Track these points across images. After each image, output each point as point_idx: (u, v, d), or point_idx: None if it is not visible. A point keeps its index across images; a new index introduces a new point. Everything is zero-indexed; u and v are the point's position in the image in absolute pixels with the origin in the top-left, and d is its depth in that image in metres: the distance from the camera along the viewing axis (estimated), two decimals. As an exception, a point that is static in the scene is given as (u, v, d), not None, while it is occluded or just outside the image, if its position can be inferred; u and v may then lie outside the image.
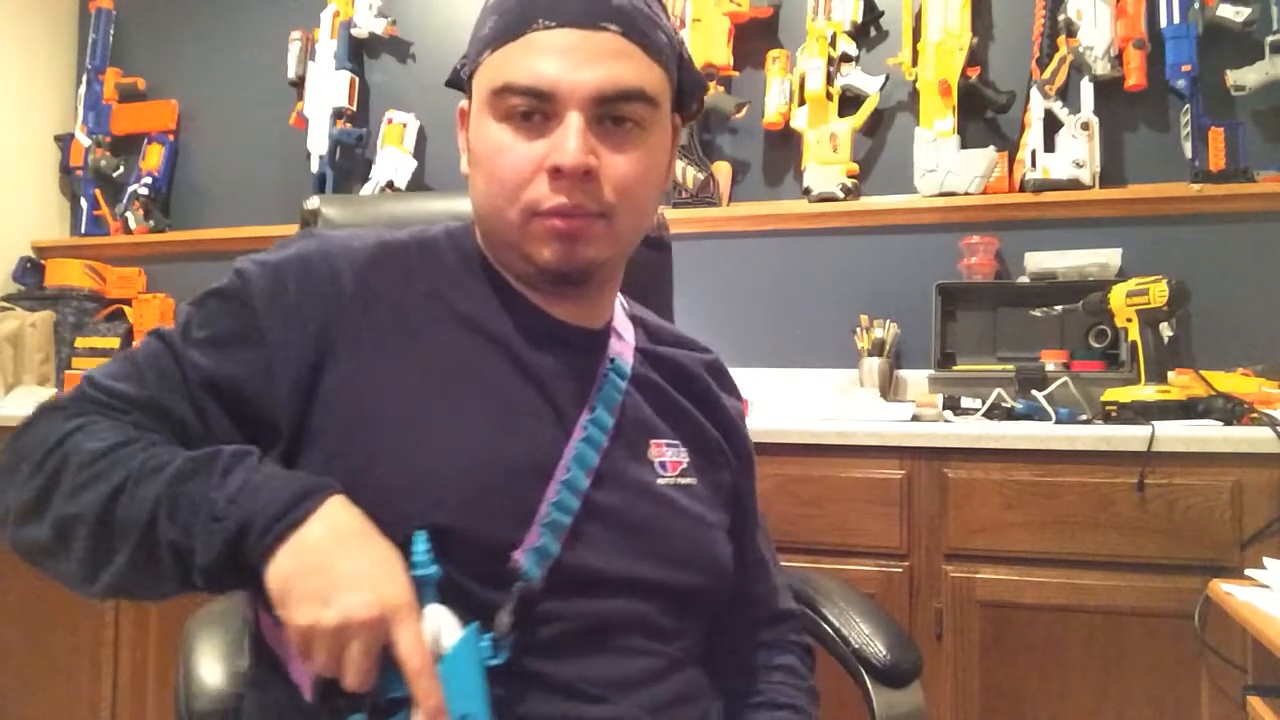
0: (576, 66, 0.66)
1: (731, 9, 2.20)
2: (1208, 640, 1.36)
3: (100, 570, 0.60)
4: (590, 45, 0.67)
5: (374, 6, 2.51)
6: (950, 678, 1.49)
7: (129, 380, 0.67)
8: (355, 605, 0.53)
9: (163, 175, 2.70)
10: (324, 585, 0.54)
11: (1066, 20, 1.98)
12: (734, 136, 2.28)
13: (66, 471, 0.61)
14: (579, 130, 0.66)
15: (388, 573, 0.56)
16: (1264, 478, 1.39)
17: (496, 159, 0.68)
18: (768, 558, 0.88)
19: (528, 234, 0.69)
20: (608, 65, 0.67)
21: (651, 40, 0.69)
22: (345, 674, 0.53)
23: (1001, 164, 2.04)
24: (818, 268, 2.18)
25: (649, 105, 0.69)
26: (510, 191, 0.68)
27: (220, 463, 0.59)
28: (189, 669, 0.84)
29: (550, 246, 0.69)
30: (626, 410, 0.75)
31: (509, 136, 0.68)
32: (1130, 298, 1.66)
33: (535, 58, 0.66)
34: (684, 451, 0.77)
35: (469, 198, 0.74)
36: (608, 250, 0.71)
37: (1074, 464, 1.46)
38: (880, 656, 0.90)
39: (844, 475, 1.56)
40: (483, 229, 0.75)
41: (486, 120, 0.69)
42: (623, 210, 0.69)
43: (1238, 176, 1.89)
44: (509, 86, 0.67)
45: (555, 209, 0.67)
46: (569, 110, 0.66)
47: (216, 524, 0.56)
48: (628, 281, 0.83)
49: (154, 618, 1.89)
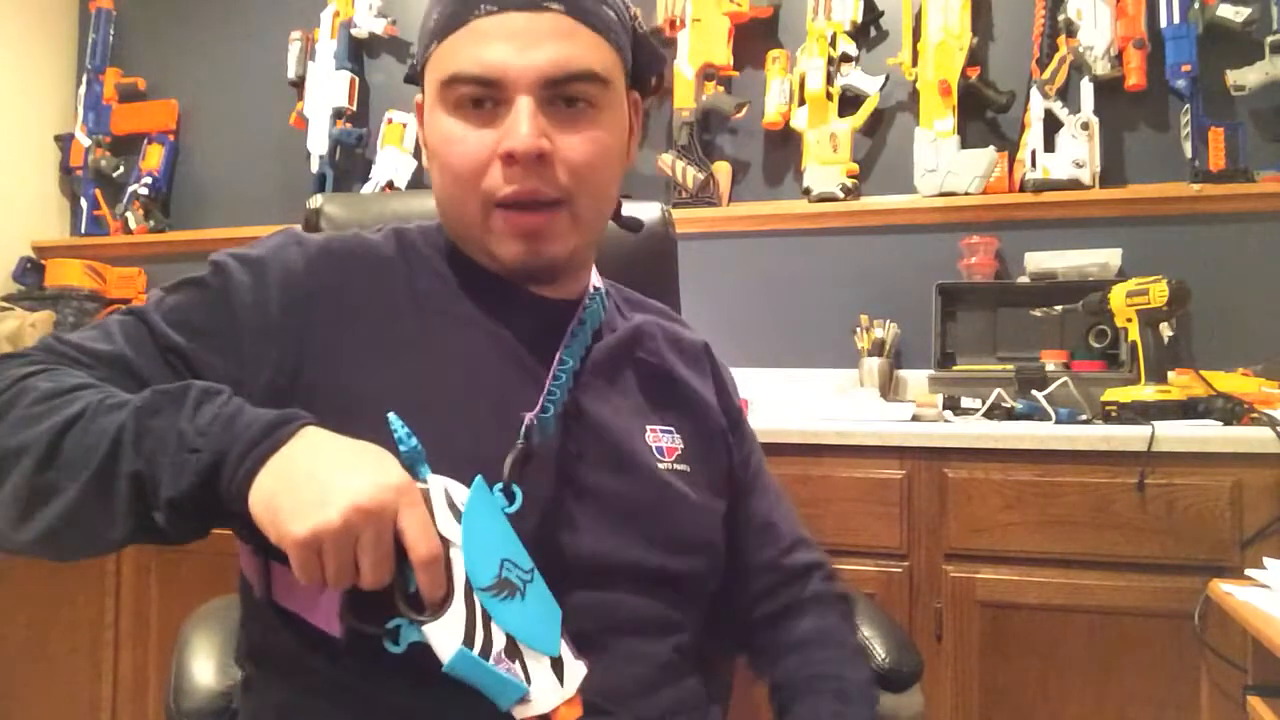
0: (523, 50, 0.65)
1: (731, 9, 2.20)
2: (1208, 640, 1.36)
3: (35, 510, 0.55)
4: (535, 27, 0.66)
5: (374, 6, 2.52)
6: (950, 678, 1.49)
7: (97, 340, 0.66)
8: (356, 494, 0.51)
9: (163, 175, 2.70)
10: (316, 489, 0.51)
11: (1066, 20, 1.98)
12: (734, 136, 2.27)
13: (16, 408, 0.58)
14: (529, 114, 0.65)
15: (378, 460, 0.54)
16: (1264, 478, 1.39)
17: (450, 150, 0.68)
18: (776, 519, 0.85)
19: (489, 229, 0.69)
20: (554, 46, 0.66)
21: (599, 18, 0.69)
22: (363, 571, 0.51)
23: (1001, 164, 2.04)
24: (818, 268, 2.18)
25: (600, 85, 0.68)
26: (466, 182, 0.68)
27: (191, 395, 0.56)
28: (181, 667, 0.84)
29: (513, 245, 0.68)
30: (620, 392, 0.75)
31: (460, 127, 0.68)
32: (1130, 298, 1.66)
33: (480, 45, 0.66)
34: (679, 438, 0.77)
35: None
36: (572, 242, 0.71)
37: (1074, 464, 1.46)
38: (880, 660, 0.90)
39: (844, 475, 1.56)
40: (446, 222, 0.75)
41: (438, 113, 0.69)
42: (581, 194, 0.69)
43: (1238, 176, 1.89)
44: (456, 76, 0.67)
45: (511, 196, 0.67)
46: (518, 95, 0.66)
47: (191, 455, 0.53)
48: (629, 281, 0.83)
49: (154, 618, 1.89)
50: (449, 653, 0.54)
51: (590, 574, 0.67)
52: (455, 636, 0.54)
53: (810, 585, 0.83)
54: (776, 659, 0.80)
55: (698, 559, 0.75)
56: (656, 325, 0.84)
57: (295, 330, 0.67)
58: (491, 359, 0.71)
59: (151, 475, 0.54)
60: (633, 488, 0.72)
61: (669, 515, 0.73)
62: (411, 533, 0.52)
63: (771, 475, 0.89)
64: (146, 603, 1.90)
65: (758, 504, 0.84)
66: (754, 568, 0.82)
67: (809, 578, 0.83)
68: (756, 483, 0.85)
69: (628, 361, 0.79)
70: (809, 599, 0.82)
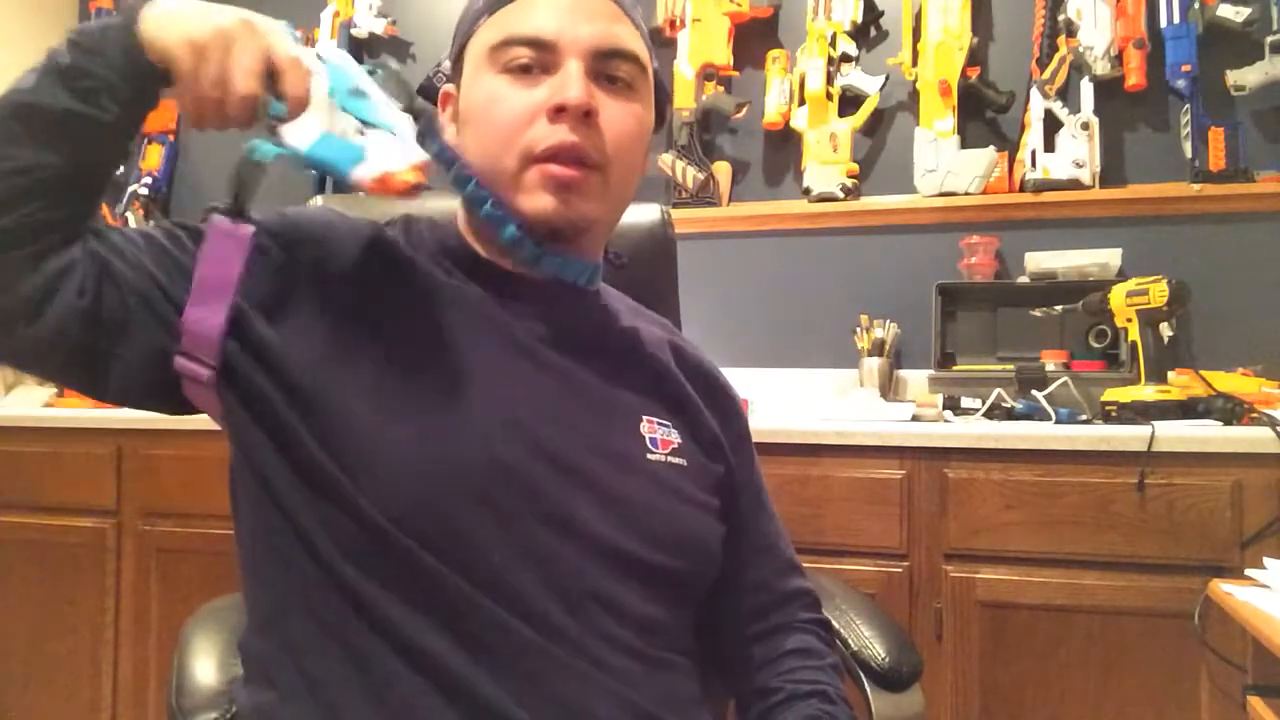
0: (576, 22, 0.69)
1: (731, 9, 2.20)
2: (1208, 640, 1.36)
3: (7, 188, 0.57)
4: (587, 5, 0.71)
5: (374, 6, 2.51)
6: (950, 678, 1.49)
7: None
8: (244, 15, 0.59)
9: (163, 175, 2.70)
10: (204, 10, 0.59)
11: (1066, 20, 1.98)
12: (734, 136, 2.28)
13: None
14: (581, 73, 0.68)
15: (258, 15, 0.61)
16: (1264, 478, 1.39)
17: (493, 108, 0.70)
18: (774, 541, 0.85)
19: (523, 183, 0.69)
20: (604, 23, 0.71)
21: (638, 20, 0.75)
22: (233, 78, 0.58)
23: (1001, 164, 2.04)
24: (818, 268, 2.18)
25: (640, 70, 0.73)
26: (507, 136, 0.69)
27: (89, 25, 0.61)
28: (182, 666, 0.84)
29: (546, 196, 0.69)
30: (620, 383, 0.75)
31: (506, 86, 0.70)
32: (1130, 298, 1.66)
33: (535, 12, 0.70)
34: (676, 433, 0.77)
35: None
36: (602, 207, 0.73)
37: (1074, 464, 1.46)
38: (879, 660, 0.89)
39: (844, 475, 1.56)
40: None
41: (484, 75, 0.71)
42: (617, 165, 0.71)
43: (1238, 176, 1.89)
44: (509, 39, 0.69)
45: (555, 147, 0.68)
46: (570, 57, 0.69)
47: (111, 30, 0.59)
48: (629, 281, 0.83)
49: (155, 617, 1.89)
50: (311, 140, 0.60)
51: (568, 533, 0.66)
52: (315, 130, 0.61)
53: (797, 607, 0.84)
54: (757, 670, 0.80)
55: (681, 558, 0.73)
56: (663, 331, 0.85)
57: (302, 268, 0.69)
58: (490, 342, 0.71)
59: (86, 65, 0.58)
60: (614, 476, 0.70)
61: (653, 508, 0.72)
62: (278, 46, 0.59)
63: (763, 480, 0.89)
64: (146, 603, 1.90)
65: (763, 525, 0.85)
66: (749, 585, 0.82)
67: (798, 602, 0.85)
68: (763, 504, 0.86)
69: (632, 353, 0.79)
70: (795, 623, 0.83)
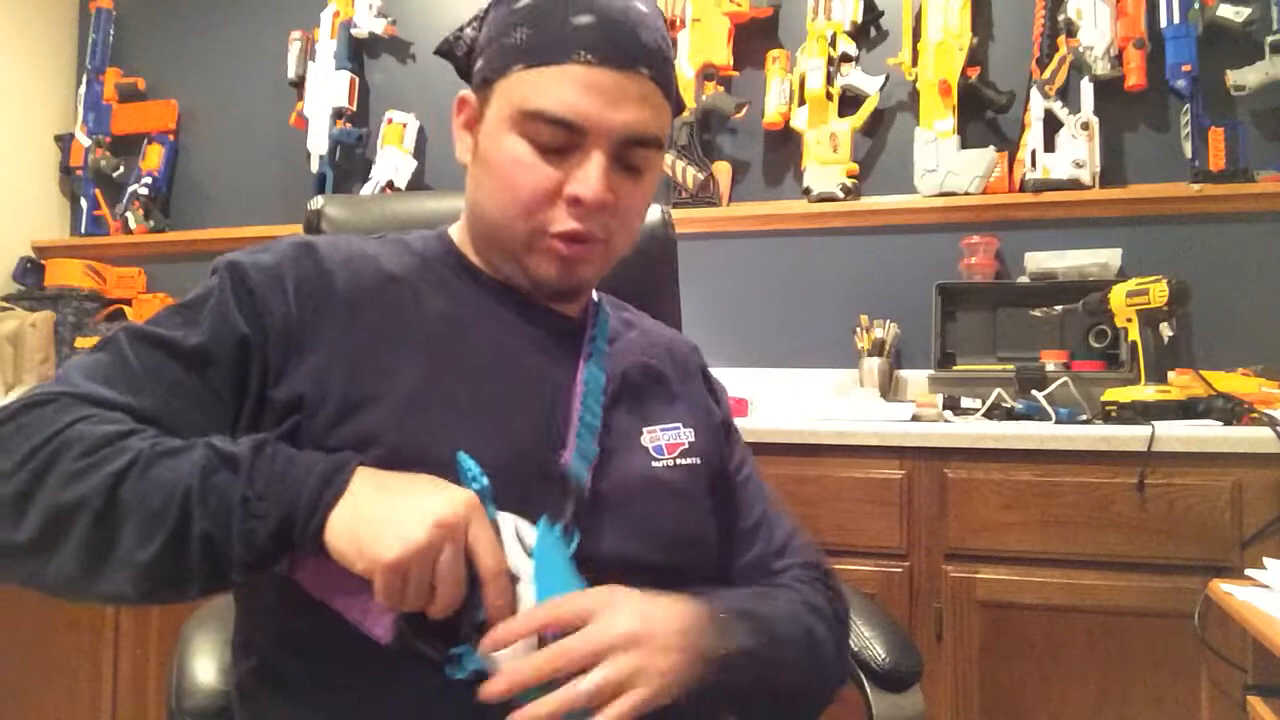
0: (609, 106, 0.69)
1: (731, 9, 2.20)
2: (1208, 640, 1.36)
3: (102, 565, 0.56)
4: (624, 88, 0.69)
5: (374, 6, 2.51)
6: (950, 678, 1.49)
7: (113, 373, 0.65)
8: (436, 510, 0.55)
9: (163, 175, 2.70)
10: (394, 517, 0.55)
11: (1066, 20, 1.98)
12: (734, 136, 2.28)
13: (62, 460, 0.57)
14: (603, 167, 0.69)
15: (440, 484, 0.58)
16: (1264, 478, 1.39)
17: (515, 173, 0.70)
18: (765, 520, 0.84)
19: (532, 250, 0.72)
20: (636, 110, 0.70)
21: (671, 81, 0.74)
22: (439, 595, 0.55)
23: (1001, 164, 2.04)
24: (818, 268, 2.18)
25: (658, 150, 0.74)
26: (524, 209, 0.71)
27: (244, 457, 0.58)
28: (183, 666, 0.84)
29: (552, 267, 0.72)
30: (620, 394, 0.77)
31: (530, 154, 0.70)
32: (1130, 298, 1.66)
33: (571, 91, 0.68)
34: (685, 432, 0.79)
35: (466, 192, 0.76)
36: (601, 270, 0.76)
37: (1074, 464, 1.46)
38: (880, 660, 0.90)
39: (844, 475, 1.56)
40: (482, 231, 0.76)
41: (508, 132, 0.71)
42: (619, 234, 0.74)
43: (1238, 176, 1.89)
44: (541, 113, 0.69)
45: (569, 234, 0.70)
46: (595, 147, 0.69)
47: (257, 521, 0.56)
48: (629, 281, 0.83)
49: (155, 617, 1.89)
50: None
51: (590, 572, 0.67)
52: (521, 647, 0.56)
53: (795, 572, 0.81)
54: None
55: (681, 552, 0.75)
56: (658, 331, 0.88)
57: (311, 328, 0.68)
58: (504, 364, 0.73)
59: (224, 541, 0.56)
60: (619, 490, 0.72)
61: (656, 514, 0.74)
62: (481, 547, 0.56)
63: (764, 480, 0.89)
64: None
65: (747, 506, 0.85)
66: (742, 568, 0.82)
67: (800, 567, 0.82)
68: (748, 486, 0.86)
69: (632, 368, 0.80)
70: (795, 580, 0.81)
